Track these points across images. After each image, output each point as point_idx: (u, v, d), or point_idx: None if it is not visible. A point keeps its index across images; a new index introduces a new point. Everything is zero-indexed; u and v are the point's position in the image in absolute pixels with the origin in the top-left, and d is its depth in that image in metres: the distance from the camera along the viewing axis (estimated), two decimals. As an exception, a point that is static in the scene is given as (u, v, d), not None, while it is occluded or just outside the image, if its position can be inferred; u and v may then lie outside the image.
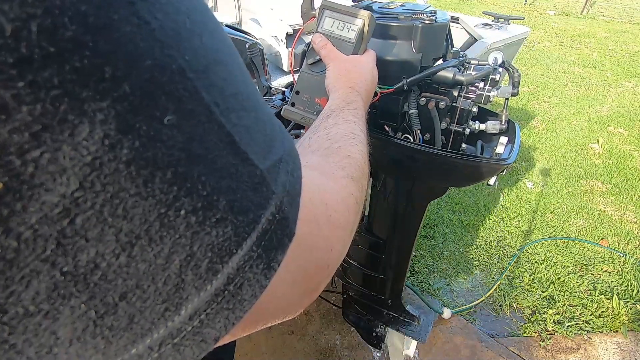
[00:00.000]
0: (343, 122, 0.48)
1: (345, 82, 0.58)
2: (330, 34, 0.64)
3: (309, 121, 0.66)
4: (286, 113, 0.68)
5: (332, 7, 0.65)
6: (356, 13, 0.63)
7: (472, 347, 1.74)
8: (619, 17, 7.99)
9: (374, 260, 1.17)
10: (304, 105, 0.67)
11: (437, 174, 0.85)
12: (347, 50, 0.63)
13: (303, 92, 0.67)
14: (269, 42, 1.79)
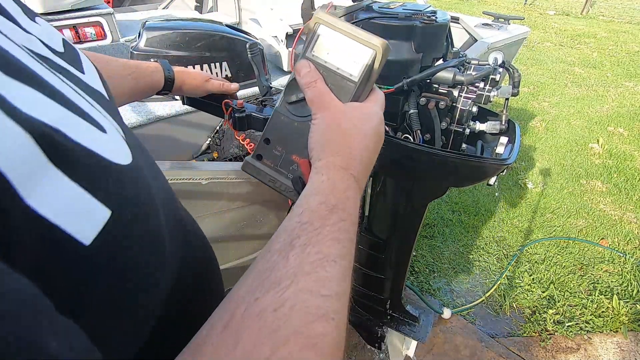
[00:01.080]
0: (317, 263, 0.32)
1: (336, 155, 0.41)
2: (323, 63, 0.45)
3: (280, 187, 0.48)
4: (248, 168, 0.50)
5: (330, 25, 0.44)
6: (366, 39, 0.43)
7: (472, 347, 1.74)
8: (619, 17, 7.99)
9: (374, 260, 1.17)
10: (275, 162, 0.48)
11: (437, 174, 0.85)
12: (345, 92, 0.44)
13: (275, 142, 0.48)
14: (269, 42, 1.79)
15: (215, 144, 1.64)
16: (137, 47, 1.43)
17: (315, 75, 0.45)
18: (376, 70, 0.45)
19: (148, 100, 1.51)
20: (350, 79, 0.44)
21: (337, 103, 0.44)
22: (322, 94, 0.44)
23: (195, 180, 1.04)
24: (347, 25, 0.44)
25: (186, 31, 1.46)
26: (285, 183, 0.48)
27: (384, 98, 0.49)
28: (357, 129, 0.43)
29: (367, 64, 0.43)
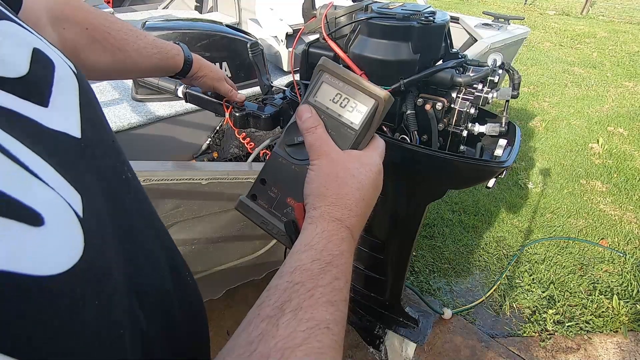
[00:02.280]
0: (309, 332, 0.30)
1: (331, 205, 0.40)
2: (325, 109, 0.46)
3: (272, 230, 0.47)
4: (241, 207, 0.49)
5: (334, 72, 0.45)
6: (369, 89, 0.44)
7: (472, 347, 1.74)
8: (619, 17, 7.99)
9: (373, 261, 1.17)
10: (269, 203, 0.48)
11: (434, 176, 0.85)
12: (345, 139, 0.45)
13: (271, 183, 0.48)
14: (269, 42, 1.79)
15: (215, 144, 1.65)
16: (137, 48, 1.43)
17: (317, 121, 0.45)
18: (377, 120, 0.45)
19: (148, 100, 1.51)
20: (352, 127, 0.45)
21: (337, 151, 0.44)
22: (321, 140, 0.44)
23: (195, 180, 1.04)
24: (351, 74, 0.45)
25: (186, 31, 1.46)
26: (277, 226, 0.47)
27: (385, 146, 0.48)
28: (354, 179, 0.42)
29: (369, 113, 0.44)
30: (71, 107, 0.29)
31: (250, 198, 0.49)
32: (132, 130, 1.41)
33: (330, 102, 0.46)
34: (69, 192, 0.23)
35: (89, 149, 0.28)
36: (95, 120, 0.32)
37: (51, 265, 0.20)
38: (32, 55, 0.28)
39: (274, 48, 1.76)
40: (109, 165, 0.31)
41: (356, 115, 0.45)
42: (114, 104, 1.50)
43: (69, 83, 0.30)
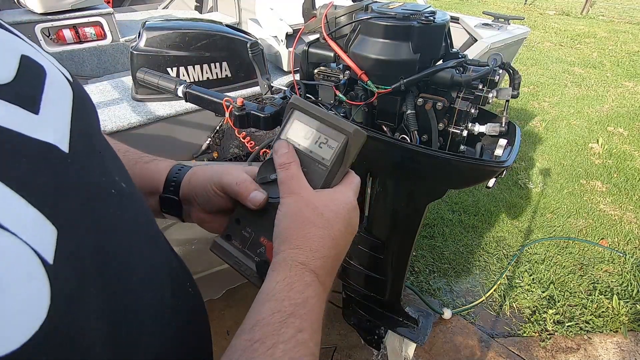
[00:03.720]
0: None
1: (296, 248, 0.39)
2: (297, 146, 0.45)
3: (245, 271, 0.45)
4: (215, 249, 0.48)
5: (304, 110, 0.45)
6: (338, 124, 0.44)
7: (472, 347, 1.74)
8: (619, 17, 7.99)
9: (373, 261, 1.17)
10: (243, 243, 0.46)
11: (434, 176, 0.85)
12: (318, 176, 0.44)
13: (246, 222, 0.47)
14: (269, 42, 1.79)
15: (215, 144, 1.64)
16: (137, 47, 1.44)
17: (292, 158, 0.44)
18: (349, 155, 0.44)
19: (148, 100, 1.51)
20: (323, 163, 0.44)
21: (307, 189, 0.42)
22: (293, 177, 0.42)
23: (195, 180, 1.04)
24: (321, 111, 0.45)
25: (186, 31, 1.46)
26: (250, 267, 0.45)
27: (359, 182, 0.47)
28: (322, 219, 0.40)
29: (340, 148, 0.44)
30: (62, 117, 0.27)
31: (225, 239, 0.48)
32: (132, 130, 1.41)
33: (302, 138, 0.45)
34: (39, 231, 0.20)
35: (76, 165, 0.25)
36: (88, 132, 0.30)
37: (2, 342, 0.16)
38: (20, 61, 0.26)
39: (274, 48, 1.76)
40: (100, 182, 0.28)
41: (327, 151, 0.44)
42: (114, 104, 1.50)
43: (61, 91, 0.28)
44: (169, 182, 0.51)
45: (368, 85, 0.81)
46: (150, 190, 0.51)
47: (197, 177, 0.51)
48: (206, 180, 0.49)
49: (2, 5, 2.69)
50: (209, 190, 0.48)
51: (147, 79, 1.10)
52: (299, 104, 0.46)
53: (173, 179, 0.51)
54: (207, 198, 0.49)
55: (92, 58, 2.58)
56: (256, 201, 0.45)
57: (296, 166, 0.44)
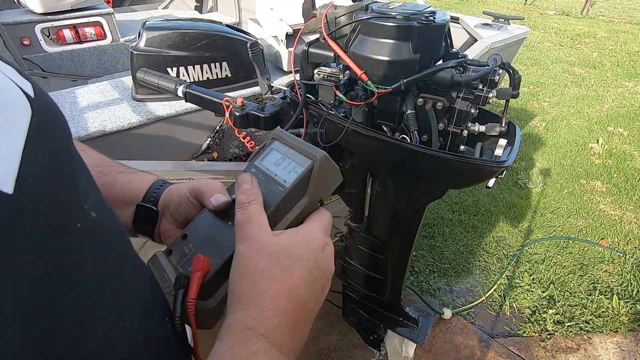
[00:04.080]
0: None
1: (244, 309, 0.34)
2: (265, 169, 0.44)
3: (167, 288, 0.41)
4: (151, 263, 0.44)
5: (283, 140, 0.45)
6: (308, 150, 0.43)
7: (472, 347, 1.74)
8: (619, 17, 7.99)
9: (373, 260, 1.17)
10: (179, 259, 0.42)
11: (434, 176, 0.85)
12: (273, 198, 0.41)
13: (191, 238, 0.44)
14: (269, 42, 1.79)
15: (215, 144, 1.64)
16: (137, 47, 1.44)
17: (253, 196, 0.39)
18: (314, 183, 0.42)
19: (148, 100, 1.51)
20: (283, 185, 0.42)
21: (264, 233, 0.37)
22: (250, 220, 0.37)
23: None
24: (300, 140, 0.44)
25: (186, 31, 1.46)
26: (171, 282, 0.40)
27: (331, 220, 0.43)
28: (280, 268, 0.35)
29: (304, 173, 0.42)
30: (7, 149, 0.22)
31: (166, 253, 0.44)
32: (132, 130, 1.41)
33: (272, 164, 0.45)
34: None
35: (21, 207, 0.21)
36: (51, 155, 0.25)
37: None
38: None
39: (274, 48, 1.76)
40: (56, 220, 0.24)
41: (291, 175, 0.42)
42: (114, 104, 1.50)
43: (11, 115, 0.23)
44: (150, 194, 0.49)
45: (368, 85, 0.81)
46: (129, 200, 0.48)
47: (176, 187, 0.49)
48: (184, 187, 0.47)
49: (2, 5, 2.69)
50: (182, 197, 0.46)
51: (147, 79, 1.10)
52: (280, 135, 0.46)
53: (155, 190, 0.49)
54: (179, 206, 0.46)
55: (92, 58, 2.58)
56: (216, 201, 0.42)
57: (256, 206, 0.38)
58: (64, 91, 1.57)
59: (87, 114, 1.43)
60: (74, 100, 1.50)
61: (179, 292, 0.38)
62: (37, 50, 2.44)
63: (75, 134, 1.31)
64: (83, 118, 1.39)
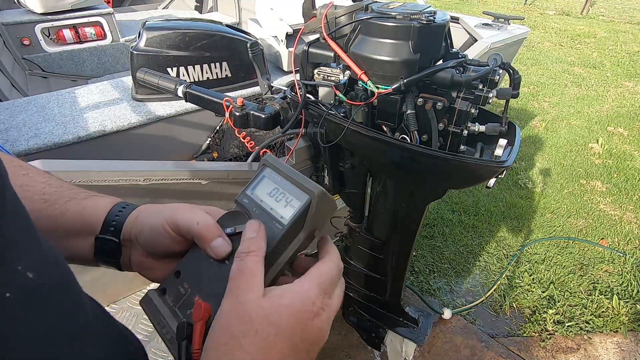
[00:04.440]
0: None
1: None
2: (259, 202, 0.43)
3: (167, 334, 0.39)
4: (144, 303, 0.42)
5: (275, 167, 0.44)
6: (304, 184, 0.41)
7: (472, 347, 1.74)
8: (619, 17, 7.99)
9: (373, 261, 1.17)
10: (175, 301, 0.40)
11: (434, 176, 0.85)
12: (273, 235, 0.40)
13: (185, 277, 0.41)
14: (269, 42, 1.79)
15: (215, 143, 1.65)
16: (137, 47, 1.44)
17: (255, 246, 0.36)
18: (312, 218, 0.41)
19: (148, 100, 1.51)
20: (280, 222, 0.41)
21: (251, 291, 0.33)
22: (244, 272, 0.34)
23: (195, 180, 1.04)
24: (291, 170, 0.43)
25: (186, 31, 1.47)
26: (172, 329, 0.38)
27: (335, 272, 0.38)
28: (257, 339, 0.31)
29: (301, 209, 0.40)
30: None
31: (159, 293, 0.42)
32: (132, 130, 1.41)
33: (266, 195, 0.43)
34: None
35: None
36: None
37: None
38: None
39: (274, 48, 1.76)
40: None
41: (288, 210, 0.41)
42: (114, 104, 1.50)
43: None
44: (109, 222, 0.43)
45: (368, 85, 0.81)
46: (84, 231, 0.43)
47: (146, 213, 0.43)
48: (157, 217, 0.42)
49: (2, 5, 2.70)
50: (158, 229, 0.41)
51: (147, 79, 1.10)
52: (270, 162, 0.44)
53: (115, 218, 0.43)
54: (155, 238, 0.41)
55: (92, 58, 2.58)
56: (219, 251, 0.38)
57: (255, 259, 0.35)
58: (64, 91, 1.58)
59: (87, 114, 1.43)
60: (74, 100, 1.50)
61: (182, 342, 0.36)
62: (37, 50, 2.44)
63: (75, 134, 1.31)
64: (83, 118, 1.40)
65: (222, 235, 0.40)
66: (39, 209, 0.41)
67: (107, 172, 0.88)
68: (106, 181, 0.89)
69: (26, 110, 1.42)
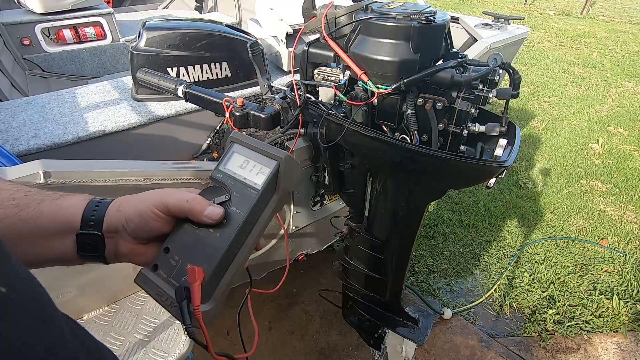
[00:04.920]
0: None
1: None
2: (232, 174, 0.47)
3: (165, 301, 0.43)
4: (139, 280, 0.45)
5: (242, 142, 0.49)
6: (271, 151, 0.46)
7: (472, 347, 1.74)
8: (619, 17, 7.99)
9: (373, 261, 1.17)
10: (169, 272, 0.44)
11: (434, 176, 0.85)
12: (248, 201, 0.45)
13: (174, 250, 0.45)
14: (269, 42, 1.79)
15: (215, 143, 1.64)
16: (137, 47, 1.44)
17: None
18: (283, 180, 0.46)
19: (148, 100, 1.51)
20: (255, 188, 0.46)
21: None
22: None
23: (195, 180, 1.04)
24: (257, 142, 0.48)
25: (186, 31, 1.46)
26: (170, 295, 0.42)
27: None
28: None
29: (272, 173, 0.46)
30: None
31: (152, 269, 0.45)
32: (132, 130, 1.41)
33: (238, 168, 0.48)
34: None
35: None
36: None
37: None
38: None
39: (274, 48, 1.76)
40: None
41: (260, 177, 0.46)
42: (114, 104, 1.50)
43: None
44: (88, 218, 0.44)
45: (368, 85, 0.81)
46: (63, 229, 0.43)
47: (130, 202, 0.46)
48: (143, 204, 0.45)
49: (2, 5, 2.70)
50: (146, 213, 0.44)
51: (147, 79, 1.10)
52: (237, 137, 0.49)
53: (93, 212, 0.44)
54: (144, 223, 0.44)
55: (92, 58, 2.58)
56: (214, 215, 0.44)
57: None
58: (64, 91, 1.57)
59: (87, 114, 1.43)
60: (74, 100, 1.50)
61: (183, 303, 0.40)
62: (37, 50, 2.44)
63: (75, 134, 1.31)
64: (83, 118, 1.39)
65: (211, 203, 0.45)
66: (11, 214, 0.41)
67: (107, 172, 0.88)
68: (106, 181, 0.89)
69: (26, 110, 1.42)
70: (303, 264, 2.09)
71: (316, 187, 1.23)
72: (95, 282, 1.15)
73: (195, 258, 0.44)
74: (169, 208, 0.44)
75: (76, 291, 1.11)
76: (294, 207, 1.24)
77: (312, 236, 1.51)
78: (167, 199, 0.44)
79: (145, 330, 1.28)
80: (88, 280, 1.13)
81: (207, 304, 0.42)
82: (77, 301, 1.15)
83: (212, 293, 0.43)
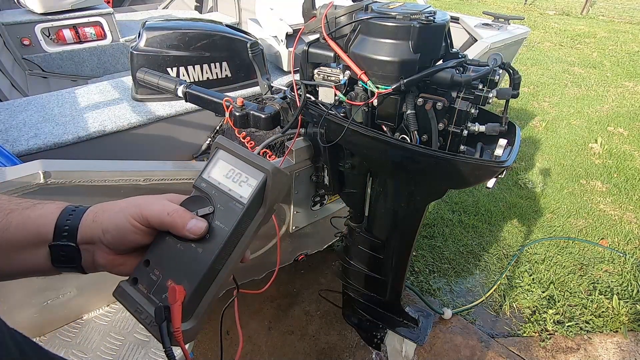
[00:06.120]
0: None
1: None
2: (216, 184, 0.45)
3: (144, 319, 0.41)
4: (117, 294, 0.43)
5: (228, 149, 0.46)
6: (258, 163, 0.44)
7: (472, 347, 1.74)
8: (619, 17, 7.99)
9: (373, 261, 1.17)
10: (149, 287, 0.42)
11: (434, 176, 0.85)
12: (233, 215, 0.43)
13: (155, 264, 0.43)
14: (269, 42, 1.79)
15: (215, 144, 1.64)
16: (137, 47, 1.44)
17: None
18: (270, 194, 0.44)
19: (148, 100, 1.51)
20: (240, 201, 0.43)
21: None
22: None
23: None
24: (244, 150, 0.45)
25: (186, 31, 1.46)
26: (150, 314, 0.41)
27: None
28: None
29: (259, 186, 0.43)
30: None
31: (131, 282, 0.43)
32: (132, 130, 1.41)
33: (223, 177, 0.45)
34: None
35: None
36: None
37: None
38: None
39: (274, 48, 1.76)
40: None
41: (246, 190, 0.44)
42: (114, 104, 1.50)
43: None
44: (61, 228, 0.42)
45: (368, 85, 0.81)
46: (34, 241, 0.41)
47: (107, 212, 0.43)
48: (121, 215, 0.42)
49: (2, 5, 2.69)
50: (125, 226, 0.42)
51: (147, 79, 1.10)
52: (223, 144, 0.46)
53: (66, 222, 0.42)
54: (123, 236, 0.42)
55: (92, 58, 2.58)
56: (197, 229, 0.41)
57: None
58: (64, 91, 1.57)
59: (87, 114, 1.43)
60: (74, 100, 1.50)
61: (162, 324, 0.39)
62: (37, 50, 2.44)
63: (75, 134, 1.31)
64: (83, 118, 1.40)
65: (194, 216, 0.42)
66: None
67: (107, 172, 0.88)
68: (106, 181, 0.89)
69: (26, 110, 1.42)
70: (303, 264, 2.09)
71: (316, 187, 1.23)
72: (95, 282, 1.15)
73: (176, 274, 0.42)
74: (149, 220, 0.42)
75: (76, 291, 1.11)
76: (294, 207, 1.24)
77: (312, 236, 1.51)
78: (147, 211, 0.42)
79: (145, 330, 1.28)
80: (88, 280, 1.13)
81: (188, 322, 0.41)
82: (77, 301, 1.15)
83: (193, 311, 0.42)
